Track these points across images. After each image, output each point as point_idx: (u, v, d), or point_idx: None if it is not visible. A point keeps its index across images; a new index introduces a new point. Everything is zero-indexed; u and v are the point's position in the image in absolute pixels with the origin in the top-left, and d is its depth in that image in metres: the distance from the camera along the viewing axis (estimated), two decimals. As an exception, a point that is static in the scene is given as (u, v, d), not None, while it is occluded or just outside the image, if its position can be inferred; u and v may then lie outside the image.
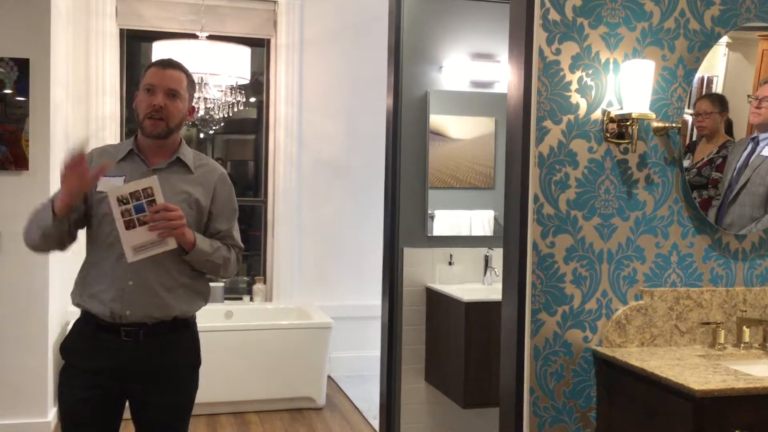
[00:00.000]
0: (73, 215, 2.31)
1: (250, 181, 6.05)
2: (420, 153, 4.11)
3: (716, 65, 2.78)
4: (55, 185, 4.27)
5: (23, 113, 4.18)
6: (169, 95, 2.33)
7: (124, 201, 2.18)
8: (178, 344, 2.40)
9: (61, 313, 4.69)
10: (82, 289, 2.36)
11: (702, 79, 2.75)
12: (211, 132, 5.79)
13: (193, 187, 2.38)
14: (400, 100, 4.06)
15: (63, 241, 2.34)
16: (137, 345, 2.31)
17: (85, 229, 2.41)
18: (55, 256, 4.28)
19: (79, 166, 2.17)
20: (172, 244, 2.23)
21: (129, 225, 2.18)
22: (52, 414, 4.35)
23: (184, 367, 2.43)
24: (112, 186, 2.23)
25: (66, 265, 4.47)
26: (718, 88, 2.79)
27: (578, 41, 2.62)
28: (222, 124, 5.50)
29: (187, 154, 2.43)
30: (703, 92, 2.78)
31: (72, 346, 2.38)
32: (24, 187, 4.16)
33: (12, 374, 4.23)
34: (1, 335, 4.21)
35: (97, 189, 2.32)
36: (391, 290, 4.06)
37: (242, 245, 2.51)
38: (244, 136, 6.18)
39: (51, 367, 4.33)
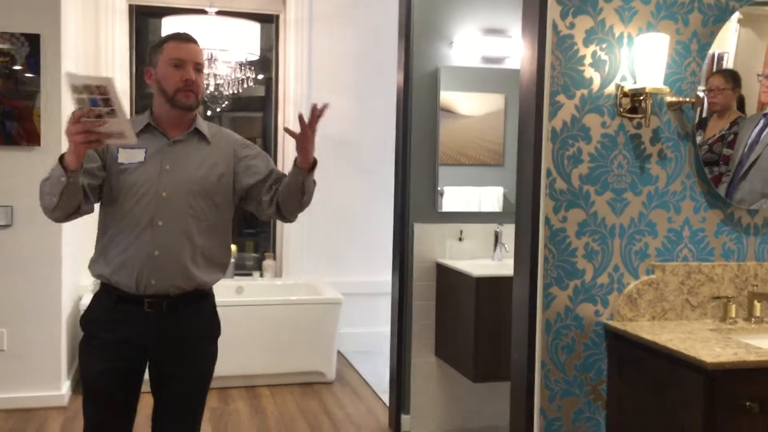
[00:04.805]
0: (86, 179, 2.26)
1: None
2: (430, 129, 4.10)
3: (727, 41, 2.76)
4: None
5: (34, 89, 4.19)
6: (196, 69, 2.36)
7: (79, 91, 2.13)
8: (199, 315, 2.43)
9: (75, 286, 4.73)
10: (104, 261, 2.36)
11: (713, 55, 2.74)
12: (218, 110, 5.79)
13: (214, 158, 2.41)
14: (411, 76, 4.04)
15: (79, 205, 2.26)
16: (159, 316, 2.33)
17: (99, 204, 2.41)
18: (68, 230, 4.31)
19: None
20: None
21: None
22: (66, 387, 4.41)
23: (204, 338, 2.46)
24: (71, 73, 2.15)
25: (79, 239, 4.50)
26: (728, 64, 2.78)
27: (592, 15, 2.61)
28: (230, 101, 5.49)
29: (203, 125, 2.47)
30: (714, 68, 2.76)
31: (93, 318, 2.40)
32: (36, 162, 4.17)
33: (26, 347, 4.28)
34: (16, 309, 4.26)
35: (118, 161, 2.34)
36: (402, 266, 4.08)
37: None
38: (251, 114, 6.17)
39: (65, 340, 4.38)
